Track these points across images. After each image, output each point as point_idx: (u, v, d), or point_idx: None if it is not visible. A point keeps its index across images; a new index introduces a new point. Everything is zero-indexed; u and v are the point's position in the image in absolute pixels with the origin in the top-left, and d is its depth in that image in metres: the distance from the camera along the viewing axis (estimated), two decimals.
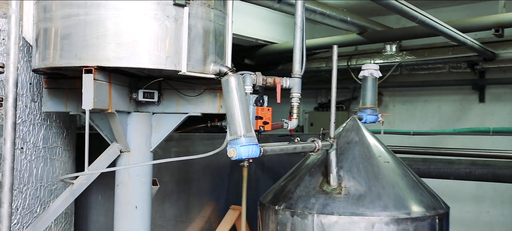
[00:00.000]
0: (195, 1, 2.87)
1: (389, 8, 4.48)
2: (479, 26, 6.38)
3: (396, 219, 3.25)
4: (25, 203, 3.43)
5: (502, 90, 7.90)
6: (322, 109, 9.21)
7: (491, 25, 6.36)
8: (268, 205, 3.57)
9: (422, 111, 8.55)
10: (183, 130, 4.98)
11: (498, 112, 7.87)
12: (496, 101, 7.96)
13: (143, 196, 3.35)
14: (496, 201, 7.81)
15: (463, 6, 7.73)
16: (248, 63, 8.37)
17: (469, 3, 7.65)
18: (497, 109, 7.90)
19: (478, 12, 7.25)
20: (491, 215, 7.87)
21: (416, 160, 6.22)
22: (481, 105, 8.05)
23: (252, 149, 2.69)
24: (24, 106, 3.40)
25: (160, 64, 2.78)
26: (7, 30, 2.74)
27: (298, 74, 3.36)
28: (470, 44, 6.16)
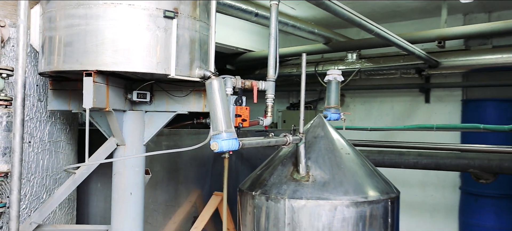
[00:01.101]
0: (183, 14, 2.86)
1: (350, 22, 4.51)
2: (425, 38, 6.49)
3: (355, 202, 3.27)
4: (32, 190, 3.38)
5: (444, 93, 8.03)
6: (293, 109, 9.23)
7: (435, 37, 6.47)
8: (246, 191, 3.56)
9: (377, 110, 8.65)
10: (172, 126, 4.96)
11: (441, 111, 8.00)
12: (439, 102, 8.09)
13: (137, 184, 3.32)
14: (438, 186, 7.95)
15: (411, 21, 7.84)
16: (229, 68, 8.37)
17: (417, 19, 7.77)
18: (440, 109, 8.03)
19: (424, 26, 7.36)
20: (435, 198, 8.01)
21: (372, 151, 6.28)
22: (426, 106, 8.17)
23: (232, 143, 2.69)
24: (31, 105, 3.35)
25: (151, 68, 2.76)
26: (16, 38, 2.73)
27: (272, 78, 3.36)
28: (418, 54, 6.24)
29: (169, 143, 4.66)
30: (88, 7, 2.72)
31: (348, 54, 7.72)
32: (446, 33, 6.39)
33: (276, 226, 3.32)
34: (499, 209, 6.76)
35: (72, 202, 3.88)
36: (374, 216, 3.33)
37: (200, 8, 2.99)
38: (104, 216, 4.27)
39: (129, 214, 3.31)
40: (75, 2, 2.75)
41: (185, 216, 4.93)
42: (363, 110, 8.75)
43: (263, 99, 3.40)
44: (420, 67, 7.12)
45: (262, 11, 5.68)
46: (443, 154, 6.00)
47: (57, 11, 2.82)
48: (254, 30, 7.98)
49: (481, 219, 6.86)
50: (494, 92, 7.40)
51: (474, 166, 5.68)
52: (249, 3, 5.62)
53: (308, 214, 3.24)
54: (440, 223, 7.92)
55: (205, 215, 4.89)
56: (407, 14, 7.56)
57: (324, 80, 4.25)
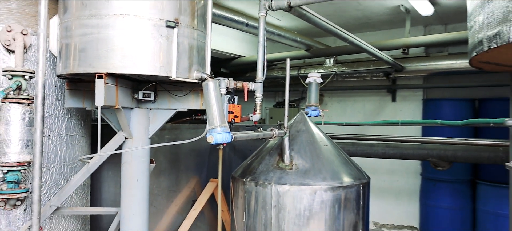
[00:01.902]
0: (183, 24, 2.85)
1: (328, 32, 4.52)
2: (391, 46, 6.53)
3: (332, 187, 3.29)
4: (51, 178, 3.36)
5: (407, 93, 8.09)
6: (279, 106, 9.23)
7: (400, 46, 6.52)
8: (238, 178, 3.56)
9: (351, 108, 8.68)
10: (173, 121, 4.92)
11: (405, 109, 8.05)
12: (403, 101, 8.14)
13: (143, 172, 3.32)
14: (403, 173, 8.01)
15: (380, 31, 7.88)
16: (223, 71, 8.34)
17: (385, 29, 7.81)
18: (404, 106, 8.09)
19: (391, 36, 7.41)
20: (400, 183, 8.07)
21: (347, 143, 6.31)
22: (393, 104, 8.22)
23: (226, 136, 2.68)
24: (50, 103, 3.33)
25: (155, 71, 2.76)
26: (37, 45, 2.71)
27: (260, 80, 3.37)
28: (386, 59, 6.28)
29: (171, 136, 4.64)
30: (100, 18, 2.71)
31: (326, 60, 7.74)
32: (410, 42, 6.45)
33: (264, 208, 3.33)
34: (453, 192, 6.84)
35: (87, 187, 3.86)
36: (348, 199, 3.35)
37: (198, 18, 2.99)
38: (114, 200, 4.24)
39: (136, 198, 3.30)
40: (88, 13, 2.73)
41: (185, 199, 4.92)
42: (339, 108, 8.79)
43: (253, 98, 3.40)
44: (388, 71, 7.16)
45: (252, 21, 5.68)
46: (407, 145, 6.05)
47: (73, 21, 2.80)
48: (245, 38, 7.97)
49: (438, 201, 6.95)
50: (450, 93, 7.48)
51: (433, 155, 5.73)
52: (241, 15, 5.61)
53: (291, 198, 3.25)
54: (404, 204, 8.00)
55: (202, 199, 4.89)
56: (376, 25, 7.61)
57: (306, 82, 4.27)
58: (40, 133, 2.73)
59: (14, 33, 3.07)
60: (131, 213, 3.28)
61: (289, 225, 3.26)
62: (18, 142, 2.97)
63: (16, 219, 3.13)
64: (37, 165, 2.73)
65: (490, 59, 3.61)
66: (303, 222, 3.25)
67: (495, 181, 6.36)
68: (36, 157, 2.73)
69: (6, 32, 3.05)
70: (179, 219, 4.78)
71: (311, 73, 4.15)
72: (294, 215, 3.25)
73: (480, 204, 6.59)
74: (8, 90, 2.92)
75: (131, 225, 3.28)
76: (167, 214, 4.73)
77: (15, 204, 3.09)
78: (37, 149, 2.73)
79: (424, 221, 7.29)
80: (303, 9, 3.66)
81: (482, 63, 3.84)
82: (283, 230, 3.26)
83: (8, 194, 3.00)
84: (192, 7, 2.93)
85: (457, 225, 6.82)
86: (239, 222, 3.53)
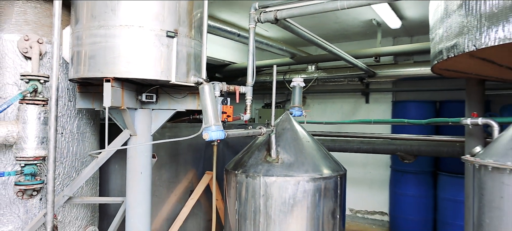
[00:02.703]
0: (181, 34, 2.83)
1: (309, 42, 4.53)
2: (365, 55, 6.57)
3: (313, 178, 3.30)
4: (64, 171, 3.31)
5: (379, 96, 8.15)
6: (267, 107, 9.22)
7: (372, 54, 6.56)
8: (231, 170, 3.55)
9: (330, 109, 8.71)
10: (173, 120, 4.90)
11: (377, 109, 8.11)
12: (375, 103, 8.20)
13: (146, 165, 3.28)
14: (375, 165, 8.07)
15: (355, 41, 7.92)
16: (217, 76, 8.31)
17: (359, 40, 7.85)
18: (376, 108, 8.14)
19: (364, 46, 7.45)
20: (372, 174, 8.13)
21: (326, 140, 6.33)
22: (366, 105, 8.27)
23: (220, 133, 2.67)
24: (63, 104, 3.29)
25: (157, 76, 2.73)
26: (51, 52, 2.69)
27: (250, 84, 3.37)
28: (360, 66, 6.32)
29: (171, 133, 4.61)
30: (107, 28, 2.68)
31: (308, 66, 7.75)
32: (380, 51, 6.50)
33: (253, 197, 3.33)
34: (418, 182, 6.91)
35: (96, 179, 3.81)
36: (327, 188, 3.37)
37: (195, 29, 2.97)
38: (120, 190, 4.20)
39: (140, 188, 3.27)
40: (97, 24, 2.70)
41: (184, 190, 4.88)
42: (319, 109, 8.82)
43: (244, 100, 3.39)
44: (362, 76, 7.20)
45: (243, 32, 5.67)
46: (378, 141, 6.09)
47: (83, 31, 2.76)
48: (237, 47, 7.95)
49: (405, 189, 7.01)
50: (415, 96, 7.55)
51: (400, 150, 5.79)
52: (233, 26, 5.60)
53: (277, 188, 3.26)
54: (376, 193, 8.06)
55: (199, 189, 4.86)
56: (352, 36, 7.65)
57: (290, 86, 4.26)
58: (54, 131, 2.70)
59: (31, 42, 3.03)
60: (135, 202, 3.26)
61: (276, 211, 3.26)
62: (34, 139, 2.93)
63: (32, 208, 3.08)
64: (51, 159, 2.71)
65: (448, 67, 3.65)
66: (288, 209, 3.26)
67: (453, 172, 6.45)
68: (50, 152, 2.70)
69: (24, 41, 3.02)
70: (179, 207, 4.76)
71: (295, 78, 4.15)
72: (280, 203, 3.26)
73: (440, 192, 6.67)
74: (25, 93, 2.89)
75: (136, 212, 3.26)
76: (167, 203, 4.70)
77: (31, 194, 3.05)
78: (51, 145, 2.69)
79: (393, 207, 7.36)
80: (287, 22, 3.66)
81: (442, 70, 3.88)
82: (270, 216, 3.27)
83: (26, 185, 2.97)
84: (190, 19, 2.91)
85: (421, 210, 6.90)
86: (232, 209, 3.52)
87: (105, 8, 2.67)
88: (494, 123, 2.99)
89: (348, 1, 2.96)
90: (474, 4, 2.77)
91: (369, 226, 7.97)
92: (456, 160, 6.25)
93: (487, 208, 2.27)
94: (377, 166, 8.02)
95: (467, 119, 3.53)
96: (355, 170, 8.12)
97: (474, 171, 2.40)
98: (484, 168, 2.28)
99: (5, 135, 2.88)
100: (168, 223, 4.67)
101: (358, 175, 8.17)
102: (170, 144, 4.64)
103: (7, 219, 3.01)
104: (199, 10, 3.02)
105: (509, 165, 2.14)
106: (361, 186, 8.18)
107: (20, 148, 2.92)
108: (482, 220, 2.33)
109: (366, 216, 8.18)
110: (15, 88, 3.01)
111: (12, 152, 2.98)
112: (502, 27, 2.56)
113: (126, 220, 3.28)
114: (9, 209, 3.01)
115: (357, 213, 8.27)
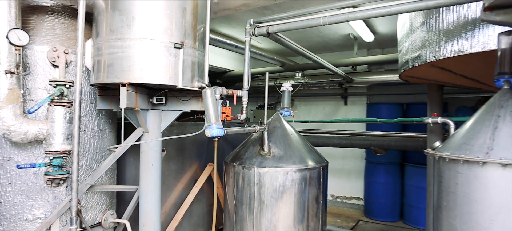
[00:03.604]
0: (187, 46, 2.83)
1: (297, 52, 4.55)
2: (344, 64, 6.60)
3: (300, 169, 3.32)
4: (86, 163, 3.29)
5: (355, 99, 8.18)
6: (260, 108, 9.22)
7: (350, 63, 6.60)
8: (229, 162, 3.56)
9: (315, 110, 8.73)
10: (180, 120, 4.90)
11: (354, 110, 8.14)
12: (352, 105, 8.23)
13: (156, 158, 3.28)
14: (352, 158, 8.10)
15: (336, 52, 7.94)
16: (218, 81, 8.30)
17: (339, 51, 7.88)
18: (353, 109, 8.18)
19: (343, 56, 7.50)
20: (350, 165, 8.15)
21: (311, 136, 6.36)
22: (345, 107, 8.30)
23: (220, 131, 2.68)
24: (85, 106, 3.27)
25: (166, 81, 2.73)
26: (76, 61, 2.70)
27: (246, 88, 3.36)
28: (340, 74, 6.36)
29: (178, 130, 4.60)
30: (123, 41, 2.67)
31: (296, 73, 7.76)
32: (357, 61, 6.54)
33: (249, 185, 3.34)
34: (388, 171, 6.96)
35: (113, 170, 3.80)
36: (312, 177, 3.39)
37: (198, 41, 2.97)
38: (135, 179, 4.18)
39: (152, 178, 3.27)
40: (114, 37, 2.69)
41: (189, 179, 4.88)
42: (305, 110, 8.84)
43: (241, 102, 3.40)
44: (341, 82, 7.24)
45: (239, 44, 5.67)
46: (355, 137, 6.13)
47: (103, 43, 2.75)
48: (234, 56, 7.96)
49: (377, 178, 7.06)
50: (386, 99, 7.59)
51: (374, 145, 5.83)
52: (231, 39, 5.61)
53: (269, 177, 3.28)
54: (353, 181, 8.09)
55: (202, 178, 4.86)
56: (333, 48, 7.68)
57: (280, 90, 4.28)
58: (77, 129, 2.69)
59: (58, 52, 3.02)
60: (147, 189, 3.25)
61: (268, 197, 3.28)
62: (61, 135, 2.92)
63: (60, 194, 3.07)
64: (75, 153, 2.69)
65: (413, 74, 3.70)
66: (278, 195, 3.28)
67: (417, 163, 6.52)
68: (74, 147, 2.69)
69: (52, 52, 3.00)
70: (185, 194, 4.75)
71: (284, 83, 4.17)
72: (272, 190, 3.28)
73: (406, 180, 6.74)
74: (53, 96, 2.89)
75: (148, 198, 3.25)
76: (175, 190, 4.69)
77: (59, 183, 3.04)
78: (75, 140, 2.68)
79: (367, 193, 7.41)
80: (278, 35, 3.68)
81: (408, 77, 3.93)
82: (263, 201, 3.28)
83: (54, 175, 2.95)
84: (194, 33, 2.92)
85: (391, 195, 6.96)
86: (230, 196, 3.53)
87: (121, 23, 2.67)
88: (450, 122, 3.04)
89: (329, 18, 2.99)
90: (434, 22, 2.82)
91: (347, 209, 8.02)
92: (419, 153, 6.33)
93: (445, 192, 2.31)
94: (354, 158, 8.06)
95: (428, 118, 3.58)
96: (335, 162, 8.16)
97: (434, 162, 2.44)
98: (443, 160, 2.33)
99: (37, 132, 2.87)
100: (175, 208, 4.67)
101: (338, 166, 8.21)
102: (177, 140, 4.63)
103: (38, 204, 3.00)
104: (202, 25, 3.03)
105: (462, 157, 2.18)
106: (340, 176, 8.22)
107: (49, 143, 2.91)
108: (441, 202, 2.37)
109: (344, 201, 8.22)
110: (44, 92, 3.00)
111: (42, 146, 2.97)
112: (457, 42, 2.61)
113: (140, 205, 3.28)
114: (40, 195, 3.00)
115: (337, 198, 8.31)
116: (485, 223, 2.07)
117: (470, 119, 2.37)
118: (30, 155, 2.96)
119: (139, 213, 3.28)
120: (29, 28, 3.01)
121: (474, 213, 2.11)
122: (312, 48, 7.39)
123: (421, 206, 6.24)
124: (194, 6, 2.89)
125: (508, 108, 2.21)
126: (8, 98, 2.74)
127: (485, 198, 2.07)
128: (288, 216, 3.28)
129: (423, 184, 5.91)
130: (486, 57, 2.58)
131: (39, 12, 3.09)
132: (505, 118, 2.18)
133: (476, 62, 2.82)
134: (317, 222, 3.44)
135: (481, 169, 2.07)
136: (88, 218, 3.30)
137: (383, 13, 2.68)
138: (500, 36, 2.26)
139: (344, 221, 6.93)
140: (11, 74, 2.73)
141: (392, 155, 6.85)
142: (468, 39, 2.54)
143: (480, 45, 2.48)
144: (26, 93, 2.95)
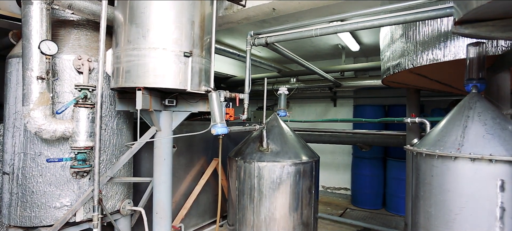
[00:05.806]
0: (195, 54, 2.85)
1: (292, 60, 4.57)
2: (334, 70, 6.61)
3: (295, 163, 3.34)
4: (107, 157, 3.30)
5: (344, 101, 8.17)
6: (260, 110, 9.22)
7: (339, 70, 6.60)
8: (232, 157, 3.58)
9: (307, 111, 8.73)
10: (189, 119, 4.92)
11: (342, 111, 8.14)
12: (341, 106, 8.23)
13: (168, 153, 3.28)
14: (340, 153, 8.10)
15: (326, 60, 7.95)
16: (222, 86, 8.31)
17: (329, 59, 7.89)
18: (341, 110, 8.18)
19: (333, 63, 7.50)
20: (338, 160, 8.16)
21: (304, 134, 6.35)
22: (334, 108, 8.30)
23: (224, 129, 2.69)
24: (106, 107, 3.28)
25: (176, 86, 2.74)
26: (98, 68, 2.68)
27: (247, 92, 3.39)
28: (330, 79, 6.37)
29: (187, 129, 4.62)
30: (139, 50, 2.69)
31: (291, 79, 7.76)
32: (345, 68, 6.55)
33: (249, 177, 3.36)
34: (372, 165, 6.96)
35: (130, 164, 3.80)
36: (305, 170, 3.41)
37: (205, 50, 2.99)
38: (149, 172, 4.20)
39: (164, 171, 3.28)
40: (131, 47, 2.71)
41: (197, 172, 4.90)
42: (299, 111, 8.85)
43: (242, 104, 3.41)
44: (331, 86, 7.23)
45: (241, 53, 5.69)
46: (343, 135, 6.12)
47: (121, 52, 2.77)
48: (237, 64, 7.96)
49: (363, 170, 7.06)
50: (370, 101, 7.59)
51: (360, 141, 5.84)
52: (234, 48, 5.63)
53: (268, 170, 3.30)
54: (341, 174, 8.10)
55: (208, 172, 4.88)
56: (324, 56, 7.69)
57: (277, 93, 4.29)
58: (99, 127, 2.69)
59: (82, 60, 3.03)
60: (160, 181, 3.26)
61: (267, 188, 3.30)
62: (84, 133, 2.93)
63: (83, 185, 3.09)
64: (97, 148, 2.70)
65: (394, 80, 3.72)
66: (276, 186, 3.30)
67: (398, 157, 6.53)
68: (96, 143, 2.70)
69: (77, 60, 3.02)
70: (193, 185, 4.77)
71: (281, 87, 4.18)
72: (270, 182, 3.29)
73: (388, 172, 6.75)
74: (78, 99, 2.90)
75: (160, 189, 3.26)
76: (184, 182, 4.71)
77: (83, 175, 3.05)
78: (97, 138, 2.69)
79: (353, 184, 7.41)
80: (275, 45, 3.70)
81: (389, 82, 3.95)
82: (262, 192, 3.30)
83: (78, 168, 2.97)
84: (201, 43, 2.93)
85: (374, 186, 6.97)
86: (233, 187, 3.55)
87: (138, 35, 2.69)
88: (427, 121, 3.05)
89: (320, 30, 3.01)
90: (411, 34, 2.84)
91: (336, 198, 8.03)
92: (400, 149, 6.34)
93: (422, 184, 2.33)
94: (342, 154, 8.06)
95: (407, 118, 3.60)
96: (326, 157, 8.16)
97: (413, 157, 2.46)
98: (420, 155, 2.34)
99: (64, 130, 2.88)
100: (185, 197, 4.68)
101: (328, 160, 8.21)
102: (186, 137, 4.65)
103: (65, 193, 3.01)
104: (208, 36, 3.04)
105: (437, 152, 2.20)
106: (330, 169, 8.23)
107: (74, 140, 2.92)
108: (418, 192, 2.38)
109: (334, 191, 8.23)
110: (70, 96, 3.02)
111: (68, 143, 2.98)
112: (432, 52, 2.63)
113: (153, 194, 3.29)
114: (67, 186, 3.02)
115: (327, 189, 8.32)
116: (456, 210, 2.09)
117: (444, 119, 2.39)
118: (57, 150, 2.98)
119: (153, 201, 3.29)
120: (58, 39, 3.03)
121: (447, 201, 2.13)
122: (306, 57, 7.40)
123: (401, 196, 6.25)
124: (201, 19, 2.91)
125: (476, 110, 2.23)
126: (39, 101, 2.76)
127: (456, 188, 2.09)
128: (284, 204, 3.29)
129: (403, 176, 5.92)
130: (457, 65, 2.60)
131: (66, 25, 3.11)
132: (473, 118, 2.20)
133: (449, 69, 2.84)
134: (310, 209, 3.46)
135: (453, 163, 2.09)
136: (108, 206, 3.31)
137: (367, 26, 2.71)
138: (468, 46, 2.29)
139: (334, 209, 6.94)
140: (42, 80, 2.75)
141: (375, 150, 6.86)
142: (441, 49, 2.56)
143: (451, 54, 2.50)
144: (54, 96, 2.96)
